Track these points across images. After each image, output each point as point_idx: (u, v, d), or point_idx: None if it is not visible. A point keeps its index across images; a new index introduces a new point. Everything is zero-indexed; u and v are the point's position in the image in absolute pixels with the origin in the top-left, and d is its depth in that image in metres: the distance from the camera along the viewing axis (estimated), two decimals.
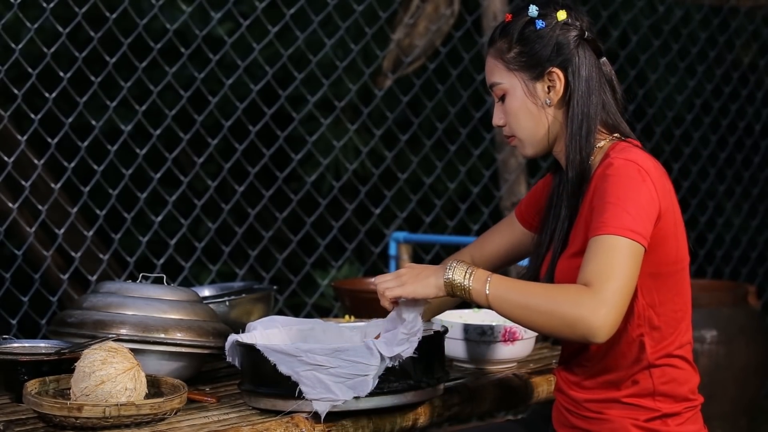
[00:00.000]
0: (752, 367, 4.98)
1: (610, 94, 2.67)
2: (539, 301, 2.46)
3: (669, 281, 2.58)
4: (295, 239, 4.98)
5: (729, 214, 6.18)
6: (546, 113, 2.66)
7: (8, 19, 4.10)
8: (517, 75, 2.65)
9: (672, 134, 5.86)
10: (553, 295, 2.46)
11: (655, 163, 2.58)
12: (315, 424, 2.56)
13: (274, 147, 4.81)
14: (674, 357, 2.61)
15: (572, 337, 2.44)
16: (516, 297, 2.49)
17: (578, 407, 2.65)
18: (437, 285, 2.56)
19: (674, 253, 2.58)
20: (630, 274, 2.44)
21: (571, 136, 2.63)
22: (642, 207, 2.49)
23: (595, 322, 2.40)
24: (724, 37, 5.87)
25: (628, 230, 2.46)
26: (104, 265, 4.63)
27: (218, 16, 4.65)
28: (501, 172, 5.10)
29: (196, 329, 2.82)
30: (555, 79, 2.64)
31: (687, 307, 2.64)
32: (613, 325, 2.42)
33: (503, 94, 2.68)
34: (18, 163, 4.21)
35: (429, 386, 2.65)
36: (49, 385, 2.64)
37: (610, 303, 2.41)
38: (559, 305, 2.44)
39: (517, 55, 2.65)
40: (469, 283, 2.53)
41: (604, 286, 2.42)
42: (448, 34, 5.07)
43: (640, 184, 2.50)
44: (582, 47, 2.64)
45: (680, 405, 2.61)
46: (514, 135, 2.70)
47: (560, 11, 2.65)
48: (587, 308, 2.41)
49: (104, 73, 4.28)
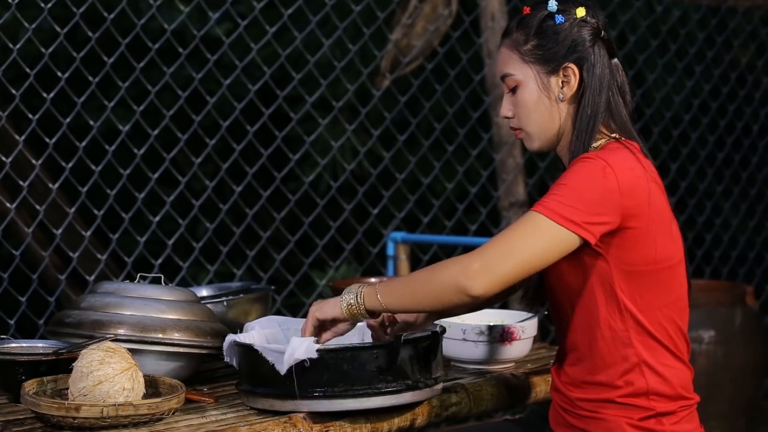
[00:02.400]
0: (750, 368, 4.99)
1: (620, 96, 2.68)
2: (419, 275, 2.56)
3: (651, 280, 2.59)
4: (293, 239, 4.98)
5: (727, 214, 6.18)
6: (558, 108, 2.66)
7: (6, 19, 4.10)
8: (532, 68, 2.65)
9: (670, 134, 5.86)
10: (432, 266, 2.56)
11: (634, 165, 2.57)
12: (313, 424, 2.57)
13: (272, 147, 4.81)
14: (668, 354, 2.62)
15: (452, 295, 2.50)
16: (402, 287, 2.57)
17: (574, 406, 2.66)
18: (335, 307, 2.62)
19: (653, 253, 2.58)
20: (530, 248, 2.49)
21: (578, 134, 2.64)
22: (588, 200, 2.50)
23: (467, 273, 2.47)
24: (722, 38, 5.87)
25: (555, 213, 2.49)
26: (102, 265, 4.63)
27: (216, 16, 4.65)
28: (499, 173, 5.10)
29: (194, 329, 2.82)
30: (570, 74, 2.64)
31: (680, 304, 2.64)
32: (489, 281, 2.47)
33: (515, 86, 2.68)
34: (16, 163, 4.21)
35: (427, 386, 2.65)
36: (47, 385, 2.64)
37: (485, 260, 2.48)
38: (436, 270, 2.53)
39: (533, 47, 2.65)
40: (361, 299, 2.59)
41: (489, 247, 2.50)
42: (446, 35, 5.07)
43: (599, 180, 2.52)
44: (597, 45, 2.65)
45: (675, 404, 2.62)
46: (522, 128, 2.70)
47: (579, 8, 2.65)
48: (461, 264, 2.49)
49: (102, 73, 4.28)
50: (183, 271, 4.67)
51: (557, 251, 2.51)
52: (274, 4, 4.87)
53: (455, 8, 4.97)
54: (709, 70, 5.90)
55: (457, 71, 5.21)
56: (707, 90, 5.90)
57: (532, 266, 2.51)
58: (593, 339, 2.61)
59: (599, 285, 2.58)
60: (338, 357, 2.55)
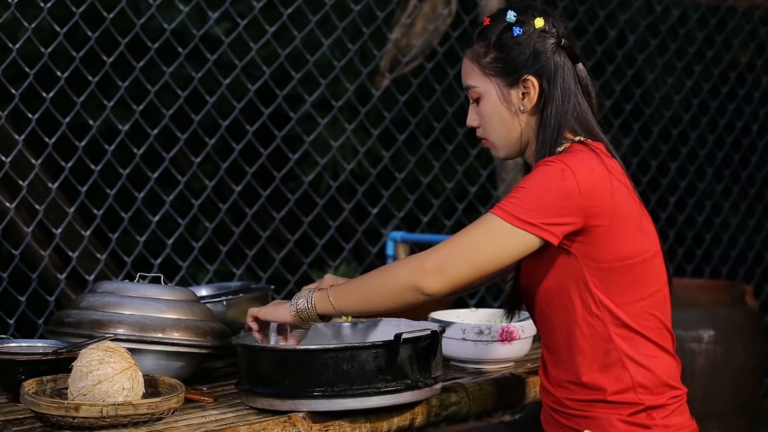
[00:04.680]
0: (749, 367, 4.99)
1: (584, 99, 2.69)
2: (374, 276, 2.61)
3: (625, 274, 2.60)
4: (292, 239, 4.98)
5: (726, 213, 6.18)
6: (519, 119, 2.69)
7: (6, 18, 4.09)
8: (493, 80, 2.69)
9: (669, 134, 5.86)
10: (386, 267, 2.62)
11: (595, 165, 2.58)
12: (312, 424, 2.57)
13: (271, 147, 4.81)
14: (650, 346, 2.63)
15: (406, 294, 2.55)
16: (356, 289, 2.61)
17: (563, 406, 2.67)
18: (285, 313, 2.66)
19: (623, 250, 2.59)
20: (484, 248, 2.53)
21: (542, 143, 2.66)
22: (545, 202, 2.53)
23: (420, 272, 2.52)
24: (721, 37, 5.87)
25: (511, 215, 2.53)
26: (101, 264, 4.63)
27: (216, 15, 4.65)
28: (498, 172, 5.10)
29: (194, 329, 2.83)
30: (530, 86, 2.66)
31: (659, 295, 2.65)
32: (442, 280, 2.52)
33: (478, 97, 2.72)
34: (15, 162, 4.20)
35: (426, 386, 2.65)
36: (47, 385, 2.64)
37: (438, 259, 2.53)
38: (390, 271, 2.59)
39: (493, 60, 2.68)
40: (311, 305, 2.63)
41: (442, 247, 2.55)
42: (446, 34, 5.07)
43: (557, 181, 2.54)
44: (558, 54, 2.66)
45: (663, 396, 2.63)
46: (487, 138, 2.74)
47: (538, 18, 2.66)
48: (415, 263, 2.55)
49: (102, 72, 4.28)
50: (182, 271, 4.67)
51: (513, 252, 2.55)
52: (274, 4, 4.86)
53: (454, 8, 4.98)
54: (709, 69, 5.90)
55: (457, 71, 5.21)
56: (706, 89, 5.90)
57: (486, 267, 2.55)
58: (572, 337, 2.63)
59: (573, 283, 2.60)
60: (338, 356, 2.56)
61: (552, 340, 2.68)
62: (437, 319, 3.09)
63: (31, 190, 4.38)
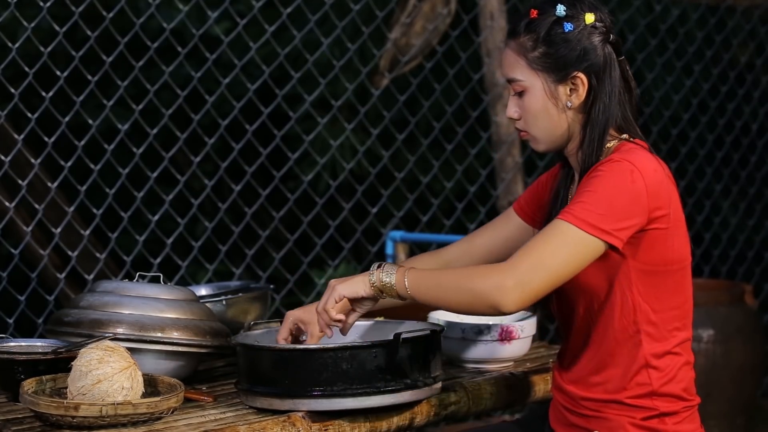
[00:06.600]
0: (749, 367, 4.99)
1: (627, 96, 2.67)
2: (451, 278, 2.54)
3: (667, 280, 2.59)
4: (291, 238, 4.98)
5: (726, 213, 6.18)
6: (566, 115, 2.63)
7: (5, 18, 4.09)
8: (540, 75, 2.62)
9: (669, 133, 5.86)
10: (465, 272, 2.55)
11: (657, 166, 2.58)
12: (312, 423, 2.57)
13: (270, 146, 4.81)
14: (673, 355, 2.61)
15: (483, 308, 2.49)
16: (433, 284, 2.55)
17: (577, 405, 2.66)
18: (364, 283, 2.60)
19: (671, 254, 2.58)
20: (562, 260, 2.47)
21: (588, 141, 2.62)
22: (618, 206, 2.49)
23: (501, 290, 2.46)
24: (720, 37, 5.87)
25: (584, 222, 2.48)
26: (101, 264, 4.63)
27: (215, 15, 4.65)
28: (498, 172, 5.10)
29: (193, 328, 2.82)
30: (579, 83, 2.61)
31: (687, 306, 2.64)
32: (521, 297, 2.46)
33: (522, 91, 2.65)
34: (15, 162, 4.20)
35: (426, 385, 2.65)
36: (46, 385, 2.64)
37: (519, 276, 2.46)
38: (469, 279, 2.51)
39: (541, 55, 2.61)
40: (392, 279, 2.57)
41: (521, 261, 2.48)
42: (445, 33, 5.07)
43: (627, 183, 2.51)
44: (606, 50, 2.62)
45: (678, 404, 2.62)
46: (528, 131, 2.68)
47: (588, 14, 2.60)
48: (495, 279, 2.47)
49: (101, 72, 4.27)
50: (182, 270, 4.67)
51: (585, 259, 2.51)
52: (273, 3, 4.86)
53: (454, 7, 4.97)
54: (708, 69, 5.90)
55: (456, 70, 5.21)
56: (706, 89, 5.90)
57: (562, 276, 2.50)
58: (604, 338, 2.60)
59: (618, 285, 2.57)
60: (337, 356, 2.56)
61: (579, 339, 2.66)
62: (437, 318, 3.08)
63: (31, 190, 4.37)
